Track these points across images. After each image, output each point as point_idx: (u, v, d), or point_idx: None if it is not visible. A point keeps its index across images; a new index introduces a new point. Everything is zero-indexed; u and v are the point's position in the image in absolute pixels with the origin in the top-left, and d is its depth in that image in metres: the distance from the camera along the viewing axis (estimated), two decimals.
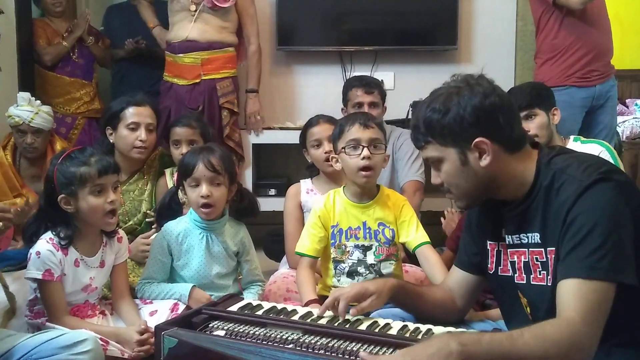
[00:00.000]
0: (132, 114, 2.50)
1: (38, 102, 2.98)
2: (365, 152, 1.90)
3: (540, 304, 1.36)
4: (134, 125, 2.49)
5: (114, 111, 2.53)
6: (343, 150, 1.95)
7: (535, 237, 1.37)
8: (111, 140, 2.53)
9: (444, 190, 1.46)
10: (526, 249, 1.39)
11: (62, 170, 1.83)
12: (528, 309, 1.42)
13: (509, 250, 1.44)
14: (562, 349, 1.16)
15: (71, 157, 1.85)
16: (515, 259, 1.43)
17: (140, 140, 2.48)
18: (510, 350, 1.15)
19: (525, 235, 1.39)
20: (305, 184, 2.47)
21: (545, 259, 1.35)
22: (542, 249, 1.35)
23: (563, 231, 1.28)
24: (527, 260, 1.39)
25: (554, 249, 1.32)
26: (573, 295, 1.21)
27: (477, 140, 1.34)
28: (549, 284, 1.33)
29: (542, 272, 1.36)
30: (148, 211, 2.56)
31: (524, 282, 1.41)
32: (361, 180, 1.95)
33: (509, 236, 1.44)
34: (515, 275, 1.43)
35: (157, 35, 3.50)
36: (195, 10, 3.19)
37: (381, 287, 1.56)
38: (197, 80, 3.26)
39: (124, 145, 2.50)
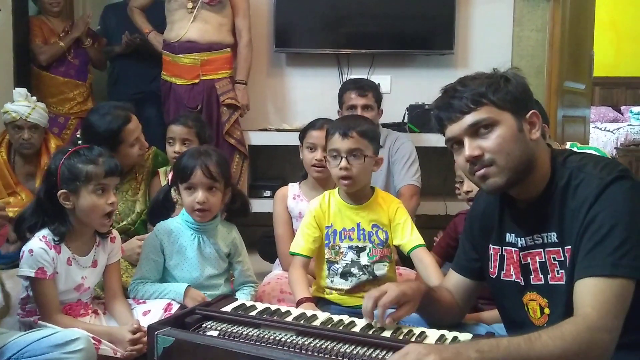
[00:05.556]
0: None
1: (34, 98, 3.00)
2: (343, 162, 1.91)
3: (558, 303, 1.34)
4: None
5: None
6: (327, 157, 1.99)
7: (552, 236, 1.36)
8: None
9: (482, 163, 1.35)
10: (542, 249, 1.38)
11: (69, 165, 1.83)
12: (545, 310, 1.40)
13: (521, 253, 1.43)
14: (581, 345, 1.15)
15: (79, 153, 1.85)
16: (529, 261, 1.41)
17: None
18: (529, 353, 1.13)
19: (539, 236, 1.38)
20: (293, 188, 2.46)
21: (562, 258, 1.34)
22: (560, 248, 1.34)
23: (582, 229, 1.27)
24: (543, 260, 1.38)
25: (571, 247, 1.31)
26: (592, 293, 1.20)
27: (533, 111, 1.37)
28: (566, 283, 1.32)
29: (560, 271, 1.35)
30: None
31: (542, 282, 1.39)
32: (343, 188, 1.99)
33: (521, 239, 1.42)
34: (531, 277, 1.41)
35: (153, 40, 3.49)
36: (193, 8, 3.20)
37: (416, 292, 1.47)
38: (196, 81, 3.28)
39: None
